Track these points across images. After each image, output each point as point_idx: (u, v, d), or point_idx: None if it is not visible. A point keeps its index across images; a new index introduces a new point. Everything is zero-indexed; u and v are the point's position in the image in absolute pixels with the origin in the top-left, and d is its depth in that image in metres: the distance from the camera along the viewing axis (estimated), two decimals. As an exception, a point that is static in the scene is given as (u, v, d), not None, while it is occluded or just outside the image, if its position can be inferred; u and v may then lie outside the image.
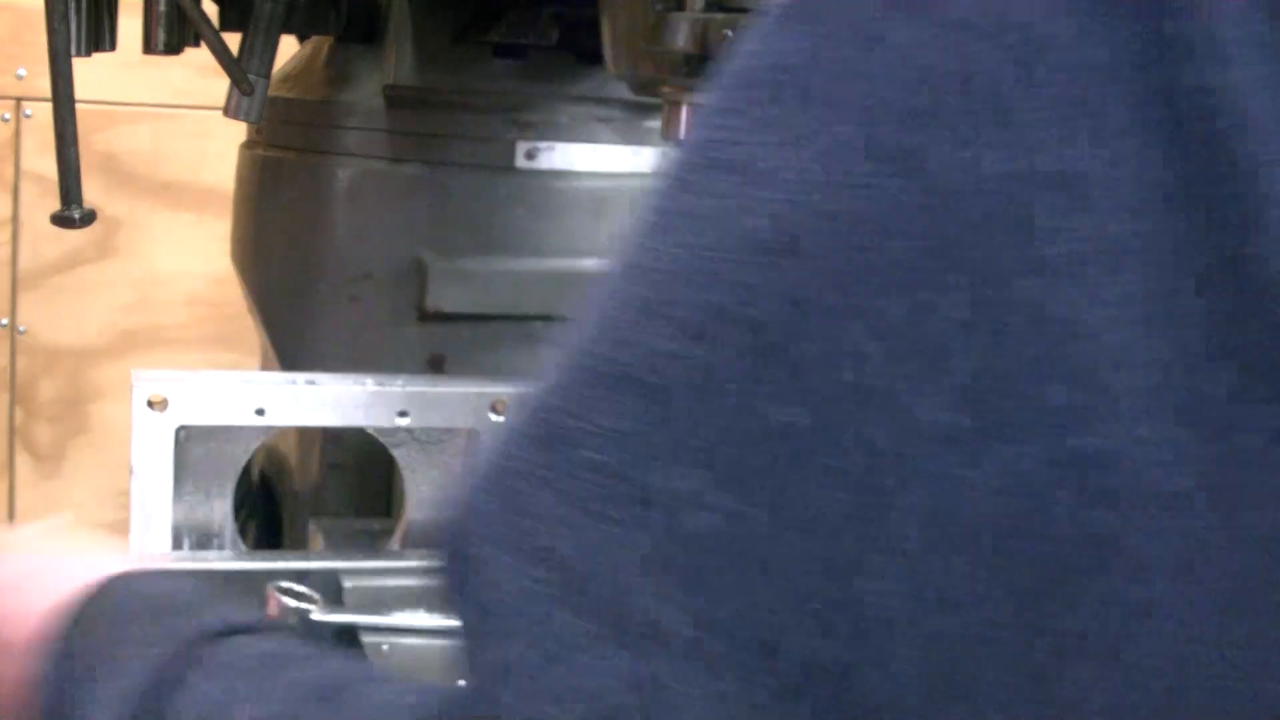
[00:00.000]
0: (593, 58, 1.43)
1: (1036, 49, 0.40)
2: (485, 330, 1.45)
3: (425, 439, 1.27)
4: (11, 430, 2.54)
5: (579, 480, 0.45)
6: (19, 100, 2.41)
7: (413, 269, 1.43)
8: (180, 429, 1.18)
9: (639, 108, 1.47)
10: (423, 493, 1.29)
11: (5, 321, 2.48)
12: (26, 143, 2.42)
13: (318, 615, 1.13)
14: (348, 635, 1.15)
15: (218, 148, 2.49)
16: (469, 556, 0.48)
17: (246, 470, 1.27)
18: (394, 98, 1.43)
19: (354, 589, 1.18)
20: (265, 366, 1.65)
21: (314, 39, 1.56)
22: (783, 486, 0.42)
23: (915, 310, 0.41)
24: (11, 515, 2.57)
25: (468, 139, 1.43)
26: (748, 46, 0.46)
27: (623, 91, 1.41)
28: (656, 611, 0.44)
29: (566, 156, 1.45)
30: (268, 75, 1.39)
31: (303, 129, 1.50)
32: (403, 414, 1.23)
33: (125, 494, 1.17)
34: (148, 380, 1.17)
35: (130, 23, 1.44)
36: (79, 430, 2.57)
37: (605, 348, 0.47)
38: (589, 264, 1.47)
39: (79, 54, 1.35)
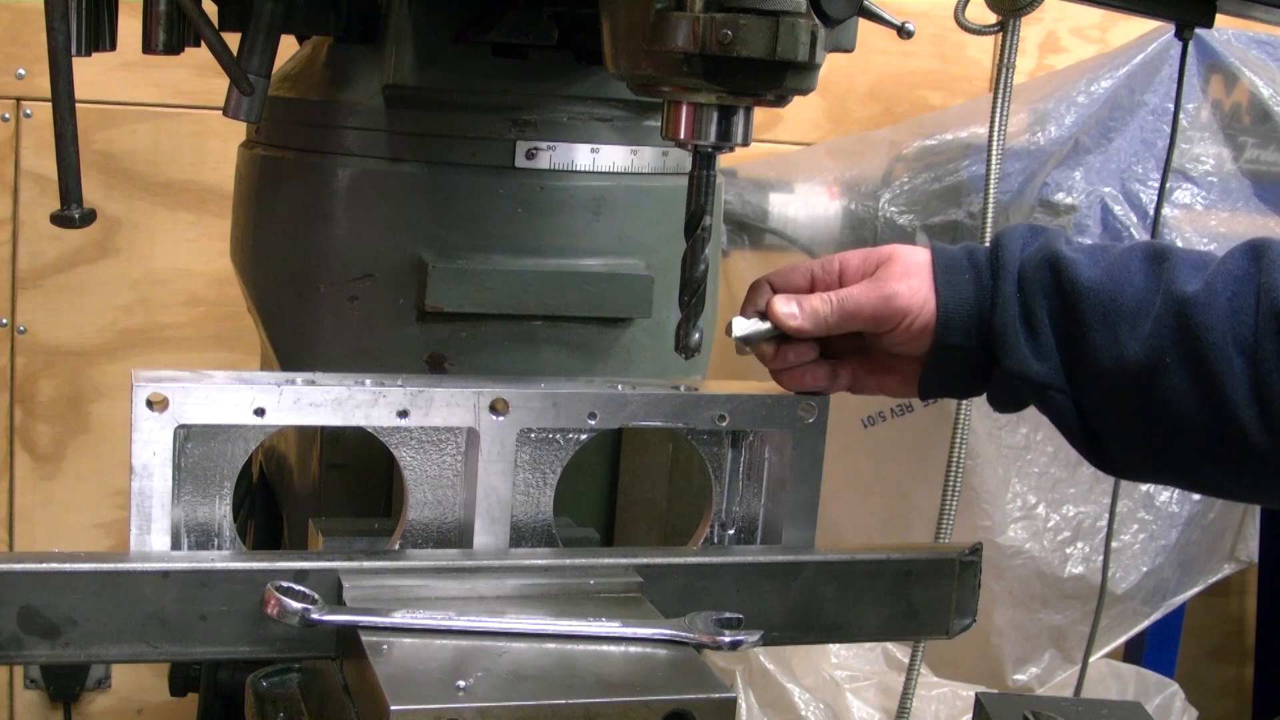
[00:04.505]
0: (593, 58, 1.44)
1: None
2: (485, 330, 1.45)
3: (425, 439, 1.27)
4: (11, 430, 2.53)
5: None
6: (19, 100, 2.41)
7: (413, 269, 1.43)
8: (180, 429, 1.18)
9: (639, 108, 1.47)
10: (423, 493, 1.29)
11: (5, 321, 2.48)
12: (26, 143, 2.42)
13: (318, 615, 1.14)
14: (348, 635, 1.15)
15: (217, 148, 2.49)
16: None
17: (246, 470, 1.27)
18: (394, 98, 1.43)
19: (354, 589, 1.18)
20: (265, 366, 1.65)
21: (314, 39, 1.56)
22: None
23: None
24: (11, 515, 2.57)
25: (468, 139, 1.43)
26: None
27: (623, 91, 1.41)
28: None
29: (566, 156, 1.45)
30: (268, 75, 1.39)
31: (303, 129, 1.50)
32: (403, 414, 1.22)
33: (125, 494, 1.17)
34: (148, 380, 1.17)
35: (130, 23, 1.44)
36: (79, 430, 2.56)
37: None
38: (589, 263, 1.48)
39: (79, 54, 1.35)
